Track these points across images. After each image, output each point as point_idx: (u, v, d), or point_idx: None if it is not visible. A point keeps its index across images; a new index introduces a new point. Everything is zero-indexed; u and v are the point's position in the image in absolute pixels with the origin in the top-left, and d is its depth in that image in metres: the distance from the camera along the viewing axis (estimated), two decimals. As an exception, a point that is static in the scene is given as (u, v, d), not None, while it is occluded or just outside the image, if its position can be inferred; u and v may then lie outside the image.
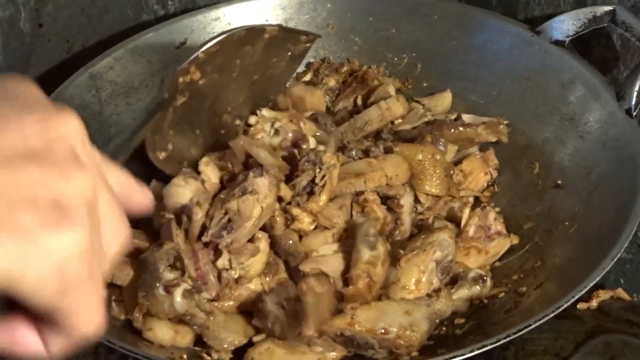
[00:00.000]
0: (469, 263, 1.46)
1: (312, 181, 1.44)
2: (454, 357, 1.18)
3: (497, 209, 1.54)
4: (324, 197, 1.43)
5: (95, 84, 1.64)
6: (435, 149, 1.54)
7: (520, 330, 1.20)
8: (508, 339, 1.19)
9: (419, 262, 1.39)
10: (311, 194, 1.43)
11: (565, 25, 1.63)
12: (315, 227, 1.45)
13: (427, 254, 1.40)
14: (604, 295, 1.47)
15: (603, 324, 1.41)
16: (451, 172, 1.54)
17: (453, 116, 1.64)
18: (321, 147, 1.49)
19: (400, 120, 1.64)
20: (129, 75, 1.69)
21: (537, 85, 1.65)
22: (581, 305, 1.44)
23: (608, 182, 1.45)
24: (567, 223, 1.47)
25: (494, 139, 1.61)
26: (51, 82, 1.62)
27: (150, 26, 1.75)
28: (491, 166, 1.61)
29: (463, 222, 1.49)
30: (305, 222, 1.43)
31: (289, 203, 1.44)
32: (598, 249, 1.33)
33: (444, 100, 1.73)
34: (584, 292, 1.23)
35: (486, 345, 1.18)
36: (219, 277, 1.34)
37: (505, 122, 1.61)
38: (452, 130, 1.59)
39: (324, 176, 1.43)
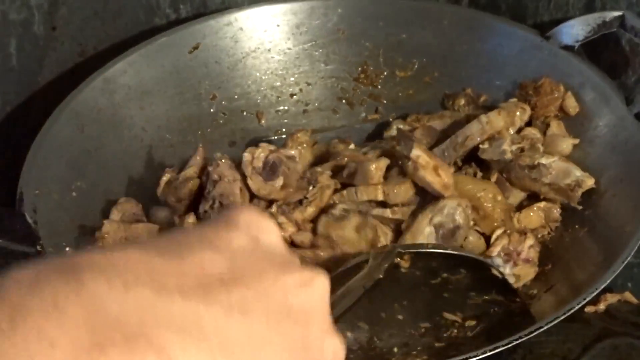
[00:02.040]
0: None
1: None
2: (467, 358, 1.19)
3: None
4: (310, 209, 1.45)
5: (109, 88, 1.65)
6: (497, 190, 1.51)
7: (531, 332, 1.21)
8: (519, 340, 1.20)
9: (414, 228, 1.43)
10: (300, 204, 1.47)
11: (575, 30, 1.64)
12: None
13: (422, 220, 1.43)
14: (611, 298, 1.48)
15: (610, 327, 1.43)
16: (511, 215, 1.51)
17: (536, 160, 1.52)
18: (319, 169, 1.52)
19: (486, 146, 1.56)
20: (143, 80, 1.70)
21: (547, 89, 1.65)
22: (589, 309, 1.45)
23: (618, 185, 1.46)
24: (577, 226, 1.48)
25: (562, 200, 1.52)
26: (64, 84, 1.64)
27: (162, 30, 1.76)
28: (551, 221, 1.53)
29: (492, 240, 1.47)
30: (288, 230, 1.44)
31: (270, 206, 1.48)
32: (608, 252, 1.35)
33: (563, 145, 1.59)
34: (594, 294, 1.25)
35: (498, 347, 1.19)
36: None
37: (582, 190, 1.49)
38: (519, 178, 1.53)
39: (315, 193, 1.46)
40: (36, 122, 1.56)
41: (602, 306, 1.47)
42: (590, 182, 1.48)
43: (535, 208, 1.52)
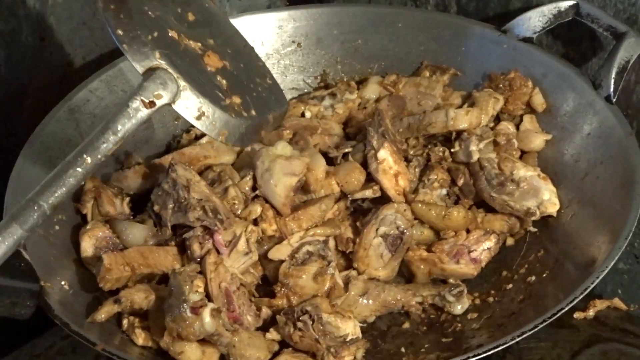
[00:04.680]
0: (417, 269, 1.50)
1: None
2: (493, 348, 1.21)
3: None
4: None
5: (75, 118, 1.62)
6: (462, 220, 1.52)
7: (536, 326, 1.24)
8: (529, 333, 1.23)
9: (364, 242, 1.48)
10: None
11: (532, 22, 1.67)
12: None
13: (368, 233, 1.48)
14: (600, 305, 1.49)
15: (600, 333, 1.44)
16: (476, 215, 1.55)
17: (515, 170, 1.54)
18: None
19: (457, 148, 1.58)
20: (106, 107, 1.67)
21: (511, 82, 1.68)
22: (578, 315, 1.47)
23: (599, 167, 1.49)
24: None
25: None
26: (53, 95, 1.62)
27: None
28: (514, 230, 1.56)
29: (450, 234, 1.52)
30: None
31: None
32: (604, 232, 1.38)
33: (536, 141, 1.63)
34: (604, 273, 1.27)
35: (514, 338, 1.22)
36: (258, 312, 1.39)
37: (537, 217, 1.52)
38: (482, 190, 1.55)
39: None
40: (25, 133, 1.54)
41: (591, 312, 1.48)
42: (552, 209, 1.51)
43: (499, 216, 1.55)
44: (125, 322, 1.35)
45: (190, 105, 1.19)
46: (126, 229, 1.49)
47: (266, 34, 1.83)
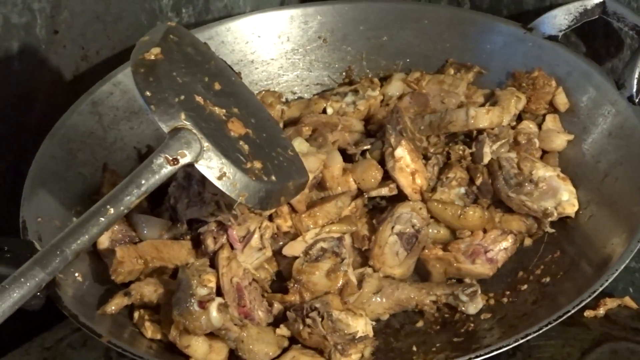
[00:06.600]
0: (433, 268, 1.49)
1: None
2: (496, 349, 1.21)
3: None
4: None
5: (97, 111, 1.64)
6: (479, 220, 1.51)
7: (550, 323, 1.23)
8: (539, 332, 1.23)
9: (379, 240, 1.48)
10: None
11: (558, 20, 1.66)
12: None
13: (383, 231, 1.48)
14: (611, 303, 1.49)
15: (610, 332, 1.44)
16: (493, 215, 1.54)
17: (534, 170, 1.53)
18: None
19: (474, 149, 1.58)
20: (129, 100, 1.68)
21: (535, 80, 1.67)
22: (588, 313, 1.47)
23: (619, 168, 1.47)
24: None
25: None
26: (66, 88, 1.63)
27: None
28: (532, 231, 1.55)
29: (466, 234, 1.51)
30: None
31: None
32: (619, 234, 1.37)
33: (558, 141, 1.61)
34: (614, 276, 1.26)
35: (529, 334, 1.21)
36: (270, 308, 1.40)
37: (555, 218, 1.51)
38: (499, 190, 1.54)
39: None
40: (38, 126, 1.54)
41: (601, 311, 1.48)
42: (570, 210, 1.49)
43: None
44: (136, 314, 1.37)
45: (213, 166, 1.23)
46: (142, 222, 1.50)
47: (292, 29, 1.83)
